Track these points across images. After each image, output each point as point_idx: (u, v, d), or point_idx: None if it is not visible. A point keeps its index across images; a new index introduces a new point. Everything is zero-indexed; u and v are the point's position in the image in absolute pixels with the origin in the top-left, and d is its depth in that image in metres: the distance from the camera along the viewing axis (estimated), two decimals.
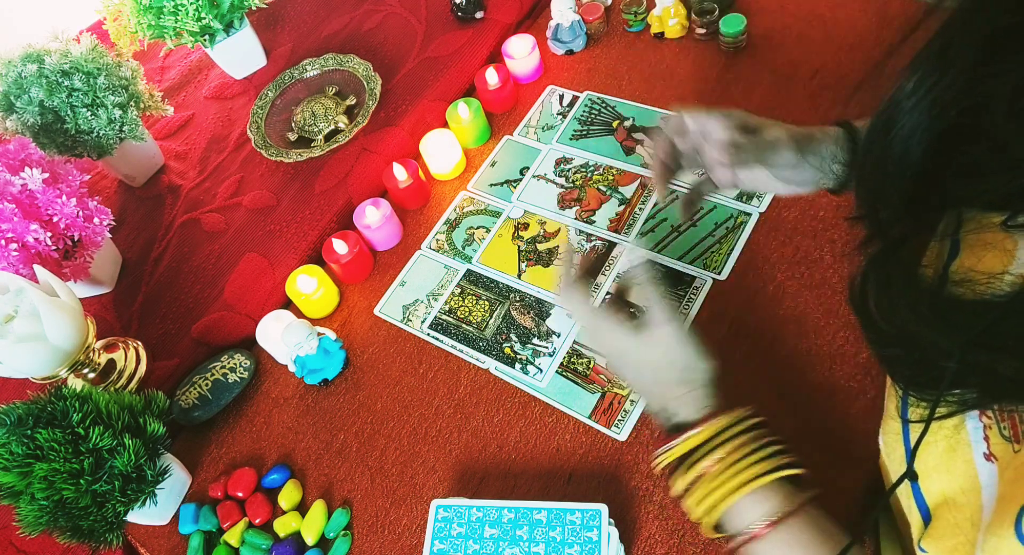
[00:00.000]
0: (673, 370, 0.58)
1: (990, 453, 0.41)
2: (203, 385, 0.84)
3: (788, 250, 0.80)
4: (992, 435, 0.41)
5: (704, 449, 0.55)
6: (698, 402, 0.57)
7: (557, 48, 1.06)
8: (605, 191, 0.91)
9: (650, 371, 0.59)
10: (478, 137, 1.00)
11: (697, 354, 0.58)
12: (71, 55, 0.95)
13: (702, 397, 0.57)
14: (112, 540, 0.71)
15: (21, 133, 0.94)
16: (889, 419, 0.51)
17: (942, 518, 0.44)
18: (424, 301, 0.88)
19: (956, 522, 0.43)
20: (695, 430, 0.55)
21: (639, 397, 0.63)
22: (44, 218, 0.83)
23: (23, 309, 0.75)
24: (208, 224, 1.02)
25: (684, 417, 0.57)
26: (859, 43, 0.94)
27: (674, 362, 0.58)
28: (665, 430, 0.59)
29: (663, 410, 0.59)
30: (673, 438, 0.57)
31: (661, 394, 0.59)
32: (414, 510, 0.74)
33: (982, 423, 0.42)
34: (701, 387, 0.58)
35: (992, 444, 0.41)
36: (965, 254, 0.45)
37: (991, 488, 0.41)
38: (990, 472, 0.41)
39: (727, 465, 0.54)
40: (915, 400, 0.46)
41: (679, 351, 0.57)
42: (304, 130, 1.07)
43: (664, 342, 0.58)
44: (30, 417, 0.69)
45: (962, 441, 0.43)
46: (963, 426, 0.43)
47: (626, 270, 0.58)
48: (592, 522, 0.63)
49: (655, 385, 0.59)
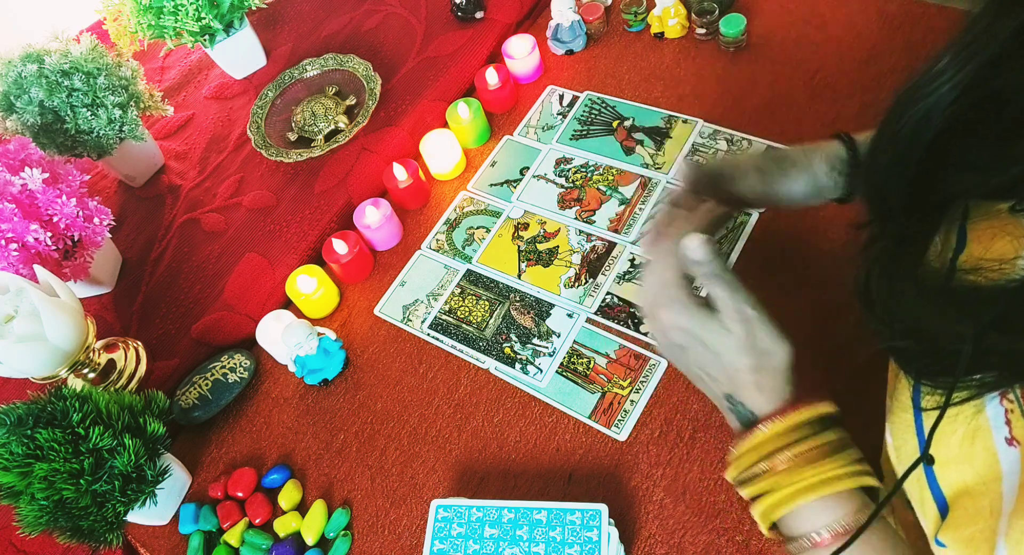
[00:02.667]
0: (748, 355, 0.51)
1: (1012, 437, 0.41)
2: (203, 385, 0.84)
3: (788, 250, 0.80)
4: (1015, 419, 0.41)
5: (778, 442, 0.50)
6: (774, 391, 0.52)
7: (557, 48, 1.06)
8: (605, 191, 0.91)
9: (722, 357, 0.53)
10: (478, 137, 1.00)
11: (775, 335, 0.52)
12: (71, 55, 0.95)
13: (779, 384, 0.52)
14: (112, 540, 0.71)
15: (21, 133, 0.94)
16: (898, 412, 0.50)
17: (960, 508, 0.43)
18: (424, 301, 0.88)
19: (974, 510, 0.42)
20: (770, 422, 0.50)
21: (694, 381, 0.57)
22: (44, 218, 0.83)
23: (23, 309, 0.75)
24: (208, 224, 1.02)
25: (755, 407, 0.52)
26: (859, 43, 0.94)
27: (751, 346, 0.51)
28: (733, 420, 0.54)
29: (728, 397, 0.53)
30: (744, 433, 0.52)
31: (729, 379, 0.53)
32: (414, 510, 0.74)
33: (1003, 407, 0.41)
34: (777, 373, 0.52)
35: (1015, 428, 0.41)
36: (972, 243, 0.45)
37: (1013, 474, 0.40)
38: (1012, 457, 0.40)
39: (801, 463, 0.49)
40: (929, 389, 0.45)
41: (758, 334, 0.51)
42: (304, 130, 1.07)
43: (742, 325, 0.51)
44: (30, 417, 0.69)
45: (982, 427, 0.42)
46: (983, 412, 0.42)
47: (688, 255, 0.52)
48: (592, 522, 0.63)
49: (723, 370, 0.53)
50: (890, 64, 0.91)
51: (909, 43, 0.92)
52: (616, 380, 0.76)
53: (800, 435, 0.50)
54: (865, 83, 0.90)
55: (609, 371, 0.77)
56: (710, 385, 0.55)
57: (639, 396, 0.75)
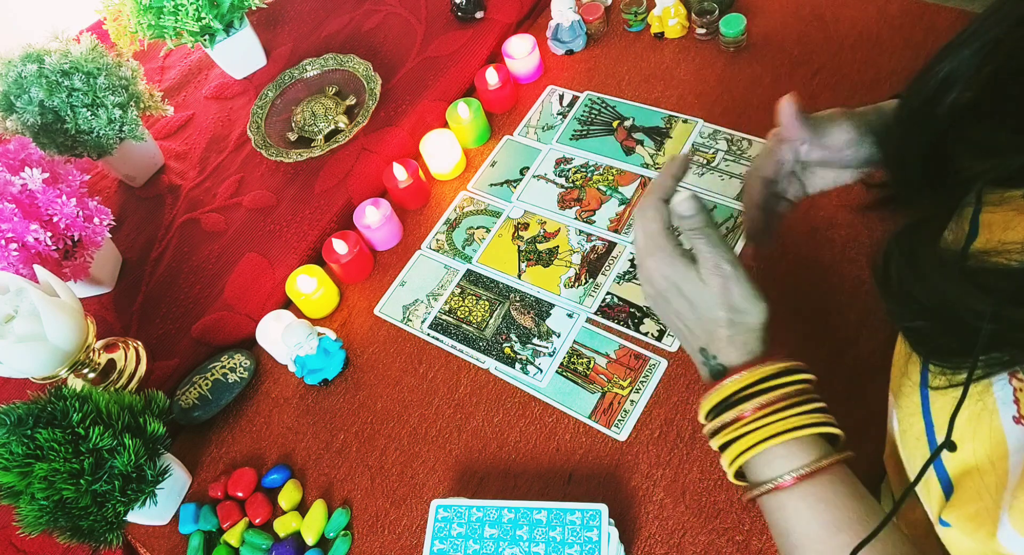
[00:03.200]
0: (723, 309, 0.54)
1: (1020, 416, 0.41)
2: (203, 385, 0.84)
3: (788, 250, 0.80)
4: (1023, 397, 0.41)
5: (744, 393, 0.52)
6: (746, 346, 0.54)
7: (557, 48, 1.06)
8: (605, 191, 0.91)
9: (698, 308, 0.55)
10: (478, 137, 1.00)
11: (751, 295, 0.54)
12: (71, 55, 0.95)
13: (751, 341, 0.54)
14: (112, 540, 0.71)
15: (21, 133, 0.94)
16: (906, 396, 0.50)
17: (965, 487, 0.44)
18: (424, 301, 0.88)
19: (979, 488, 0.42)
20: (738, 374, 0.53)
21: (675, 333, 0.60)
22: (44, 218, 0.83)
23: (23, 309, 0.75)
24: (208, 224, 1.02)
25: (727, 360, 0.54)
26: (859, 43, 0.94)
27: (726, 301, 0.54)
28: (705, 373, 0.56)
29: (703, 350, 0.56)
30: (714, 384, 0.54)
31: (705, 332, 0.55)
32: (414, 510, 0.74)
33: (1012, 386, 0.41)
34: (750, 331, 0.54)
35: (1023, 406, 0.41)
36: (993, 229, 0.45)
37: (1019, 451, 0.40)
38: (1020, 434, 0.40)
39: (766, 412, 0.51)
40: (937, 370, 0.45)
41: (734, 290, 0.54)
42: (304, 130, 1.07)
43: (718, 279, 0.54)
44: (30, 417, 0.69)
45: (988, 407, 0.42)
46: (989, 391, 0.42)
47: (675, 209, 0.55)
48: (592, 522, 0.63)
49: (699, 322, 0.55)
50: (890, 64, 0.91)
51: (909, 43, 0.92)
52: (616, 380, 0.76)
53: (767, 386, 0.52)
54: (865, 83, 0.90)
55: (609, 371, 0.77)
56: (688, 338, 0.57)
57: (639, 396, 0.75)
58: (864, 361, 0.71)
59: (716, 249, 0.54)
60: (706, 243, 0.54)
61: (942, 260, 0.45)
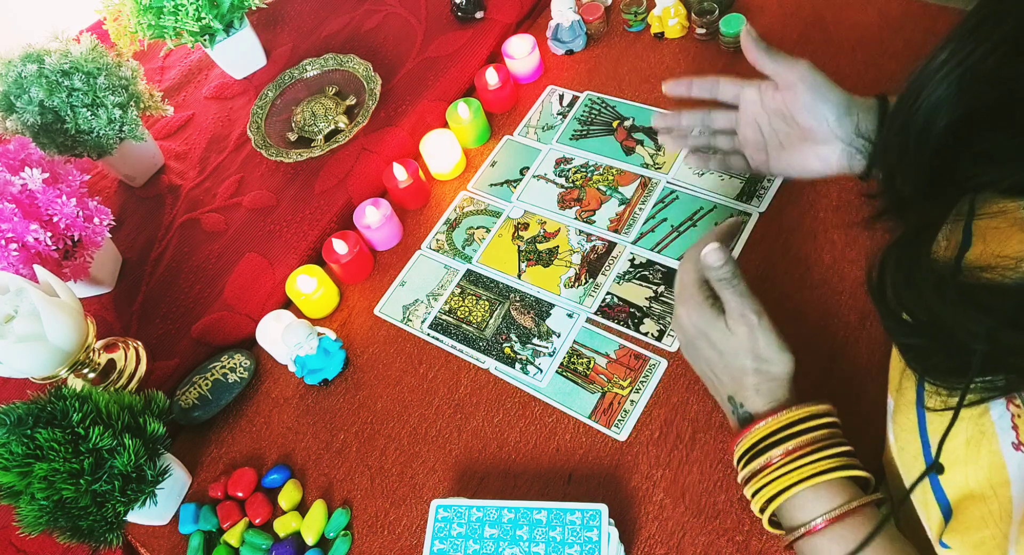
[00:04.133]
0: (748, 357, 0.56)
1: (1019, 442, 0.41)
2: (203, 385, 0.84)
3: (788, 250, 0.80)
4: (1022, 423, 0.41)
5: (772, 439, 0.54)
6: (772, 394, 0.56)
7: (557, 48, 1.06)
8: (605, 191, 0.91)
9: (725, 356, 0.58)
10: (478, 137, 1.00)
11: (777, 345, 0.56)
12: (71, 55, 0.95)
13: (777, 389, 0.56)
14: (112, 540, 0.71)
15: (21, 133, 0.94)
16: (902, 412, 0.50)
17: (966, 512, 0.43)
18: (424, 301, 0.88)
19: (983, 515, 0.42)
20: (764, 421, 0.54)
21: (706, 382, 0.62)
22: (44, 218, 0.83)
23: (23, 309, 0.75)
24: (208, 224, 1.02)
25: (753, 408, 0.56)
26: (860, 44, 0.94)
27: (752, 349, 0.56)
28: (734, 422, 0.59)
29: (730, 399, 0.58)
30: (742, 431, 0.56)
31: (733, 380, 0.58)
32: (414, 510, 0.74)
33: (1009, 412, 0.41)
34: (775, 380, 0.56)
35: (1022, 432, 0.40)
36: (989, 240, 0.45)
37: (1021, 480, 0.40)
38: (1020, 461, 0.40)
39: (794, 457, 0.53)
40: (933, 389, 0.45)
41: (760, 339, 0.56)
42: (304, 130, 1.07)
43: (744, 328, 0.56)
44: (30, 417, 0.69)
45: (986, 431, 0.42)
46: (986, 415, 0.42)
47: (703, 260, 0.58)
48: (592, 522, 0.63)
49: (727, 370, 0.58)
50: (891, 65, 0.91)
51: (910, 45, 0.92)
52: (616, 380, 0.76)
53: (793, 431, 0.54)
54: (866, 84, 0.90)
55: (609, 371, 0.77)
56: (717, 387, 0.60)
57: (639, 396, 0.75)
58: (864, 361, 0.71)
59: (743, 299, 0.57)
60: (733, 293, 0.57)
61: (937, 275, 0.45)
